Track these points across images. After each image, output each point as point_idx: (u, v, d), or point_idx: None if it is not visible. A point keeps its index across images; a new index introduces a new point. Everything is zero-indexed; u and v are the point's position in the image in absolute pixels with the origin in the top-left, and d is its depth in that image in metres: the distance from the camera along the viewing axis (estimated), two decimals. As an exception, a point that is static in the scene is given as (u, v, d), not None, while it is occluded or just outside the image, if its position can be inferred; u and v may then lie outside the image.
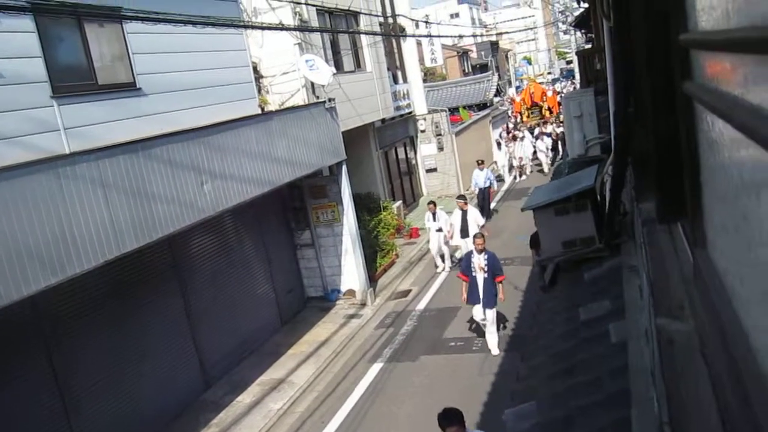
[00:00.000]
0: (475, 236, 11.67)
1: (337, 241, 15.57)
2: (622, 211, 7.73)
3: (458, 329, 13.12)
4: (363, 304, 15.31)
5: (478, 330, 12.51)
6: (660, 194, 2.46)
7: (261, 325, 13.80)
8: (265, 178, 11.53)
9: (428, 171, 26.97)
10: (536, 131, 31.25)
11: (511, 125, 36.33)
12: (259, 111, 12.79)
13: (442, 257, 16.98)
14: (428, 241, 19.66)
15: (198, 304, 11.91)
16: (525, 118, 34.21)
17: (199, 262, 12.07)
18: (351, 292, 15.63)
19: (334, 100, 14.38)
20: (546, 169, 27.36)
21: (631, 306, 5.90)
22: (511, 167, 28.97)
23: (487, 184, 21.20)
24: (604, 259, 8.23)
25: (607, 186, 7.77)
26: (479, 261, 11.42)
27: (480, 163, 22.82)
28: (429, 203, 16.77)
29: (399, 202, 22.25)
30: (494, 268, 11.39)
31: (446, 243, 16.61)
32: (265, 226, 14.57)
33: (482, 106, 39.07)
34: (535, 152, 30.03)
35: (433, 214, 16.65)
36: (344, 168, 14.91)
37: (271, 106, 13.84)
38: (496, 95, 42.18)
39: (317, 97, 14.78)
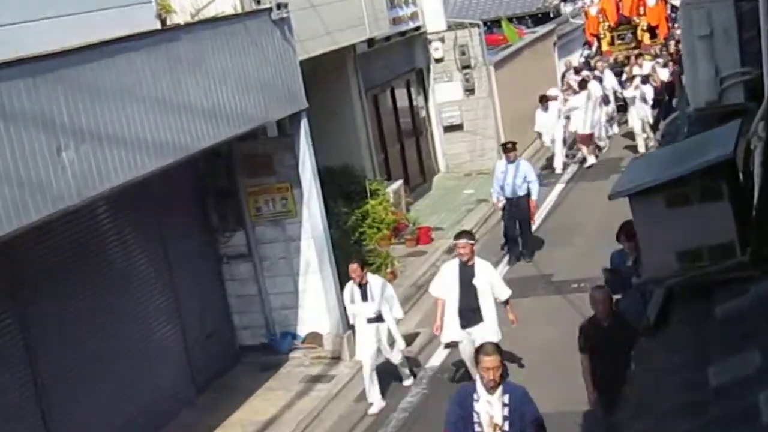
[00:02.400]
0: (481, 350, 9.02)
1: (292, 250, 15.54)
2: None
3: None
4: (336, 358, 15.32)
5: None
6: None
7: (160, 395, 13.78)
8: (167, 140, 11.52)
9: (449, 129, 27.02)
10: (625, 73, 30.44)
11: (580, 59, 35.67)
12: (158, 25, 12.70)
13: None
14: (449, 251, 19.69)
15: (52, 362, 11.89)
16: (606, 47, 33.83)
17: (52, 290, 12.03)
18: (315, 338, 15.62)
19: (286, 6, 14.34)
20: (642, 146, 26.16)
21: (797, 362, 5.92)
22: (573, 143, 28.26)
23: (523, 192, 18.88)
24: (750, 283, 8.24)
25: (756, 157, 7.76)
26: (489, 408, 8.78)
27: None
28: (352, 263, 13.85)
29: (398, 183, 22.26)
30: (523, 420, 8.94)
31: (392, 345, 13.98)
32: (169, 224, 14.55)
33: (541, 18, 39.17)
34: (620, 112, 29.62)
35: (361, 286, 13.65)
36: (304, 124, 14.88)
37: (179, 17, 13.78)
38: (565, 0, 42.32)
39: (257, 1, 14.73)
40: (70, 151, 9.84)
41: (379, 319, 13.72)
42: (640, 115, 26.60)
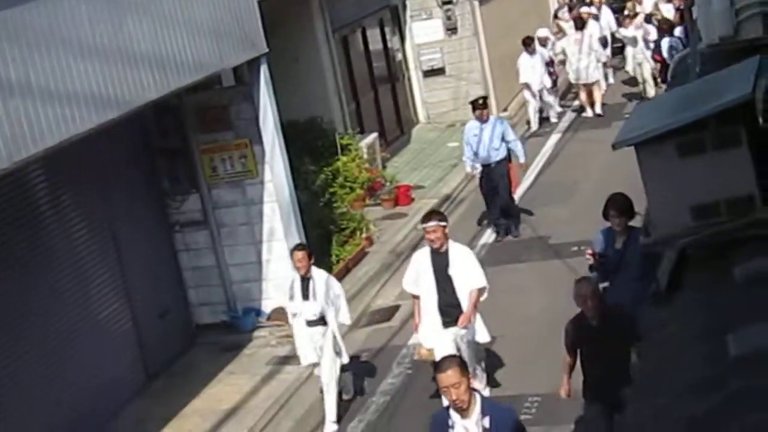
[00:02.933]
0: (437, 367, 8.15)
1: (253, 215, 15.57)
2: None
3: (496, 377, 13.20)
4: (306, 337, 15.35)
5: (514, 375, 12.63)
6: None
7: (106, 382, 13.77)
8: (108, 93, 11.43)
9: (428, 74, 26.95)
10: (627, 10, 29.83)
11: None
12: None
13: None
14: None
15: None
16: None
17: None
18: (282, 314, 15.59)
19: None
20: (652, 92, 25.55)
21: (828, 329, 5.96)
22: (566, 92, 28.30)
23: (500, 156, 18.16)
24: (773, 241, 8.28)
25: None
26: None
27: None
28: (297, 249, 12.99)
29: (372, 137, 22.24)
30: None
31: (340, 356, 13.04)
32: (112, 189, 14.51)
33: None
34: (618, 55, 29.14)
35: (304, 280, 12.77)
36: (264, 72, 14.82)
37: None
38: None
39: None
40: (-2, 107, 9.76)
41: (321, 321, 12.79)
42: (638, 58, 26.21)
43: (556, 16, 31.63)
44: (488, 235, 18.59)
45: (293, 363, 14.54)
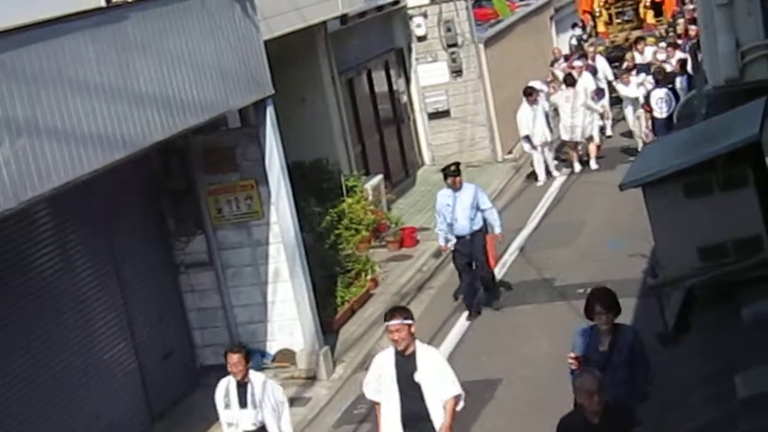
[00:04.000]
0: None
1: (259, 257, 15.51)
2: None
3: (499, 425, 13.15)
4: (311, 378, 15.29)
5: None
6: None
7: (111, 423, 13.71)
8: (115, 134, 11.42)
9: (434, 116, 26.99)
10: (626, 61, 28.30)
11: (571, 41, 34.40)
12: (103, 2, 12.61)
13: None
14: (437, 255, 19.67)
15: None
16: (602, 27, 33.05)
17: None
18: (287, 356, 15.59)
19: (248, -21, 14.30)
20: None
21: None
22: (561, 147, 26.43)
23: (475, 227, 16.69)
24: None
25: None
26: None
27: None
28: (232, 352, 11.55)
29: (378, 179, 22.24)
30: None
31: None
32: (118, 229, 14.48)
33: (537, -11, 39.06)
34: (616, 105, 27.49)
35: (241, 386, 11.54)
36: (270, 113, 14.84)
37: (126, -7, 13.75)
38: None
39: (215, -25, 14.70)
40: (5, 147, 9.76)
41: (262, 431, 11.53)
42: (638, 113, 24.73)
43: (567, 58, 30.74)
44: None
45: (298, 404, 14.49)
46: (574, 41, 34.17)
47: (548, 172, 25.07)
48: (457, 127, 26.63)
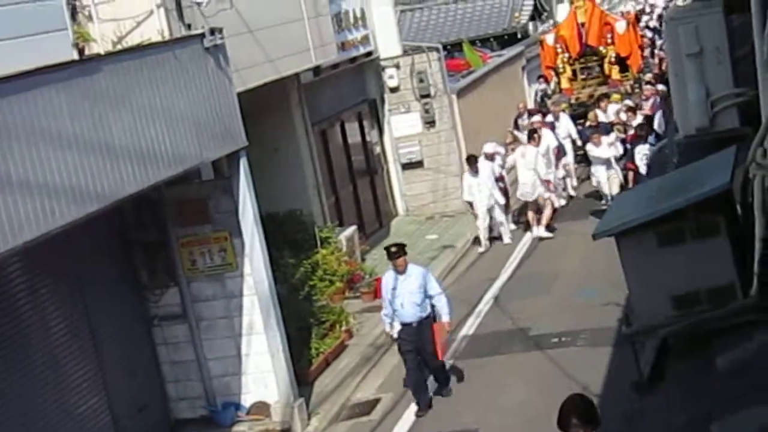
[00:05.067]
0: None
1: (233, 309, 15.47)
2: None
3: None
4: (286, 430, 15.21)
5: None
6: None
7: (85, 478, 13.61)
8: (87, 186, 11.43)
9: (407, 167, 27.06)
10: (589, 120, 27.41)
11: (536, 97, 33.97)
12: (76, 55, 12.63)
13: None
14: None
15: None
16: (566, 84, 31.72)
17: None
18: (262, 408, 15.52)
19: (221, 31, 14.35)
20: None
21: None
22: (523, 209, 25.15)
23: (422, 314, 15.16)
24: (754, 329, 8.30)
25: (756, 187, 7.82)
26: None
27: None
28: None
29: (351, 230, 22.24)
30: None
31: None
32: (90, 283, 14.43)
33: (508, 40, 39.48)
34: (581, 163, 27.05)
35: None
36: (244, 165, 14.85)
37: (99, 46, 13.75)
38: (533, 19, 42.73)
39: (188, 26, 14.74)
40: (-24, 200, 9.74)
41: None
42: (609, 174, 24.28)
43: (516, 125, 29.42)
44: (468, 327, 18.51)
45: (272, 457, 14.45)
46: (538, 96, 33.91)
47: (498, 238, 24.02)
48: (430, 177, 26.71)
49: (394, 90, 26.73)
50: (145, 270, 15.60)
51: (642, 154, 22.55)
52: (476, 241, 24.09)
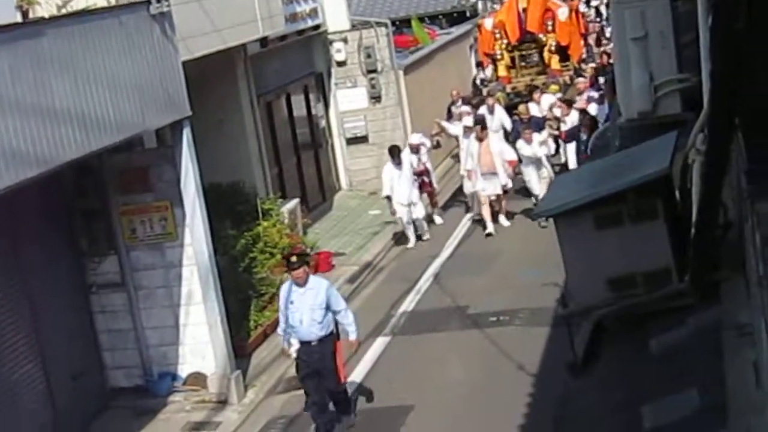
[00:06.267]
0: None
1: (172, 279, 15.45)
2: (723, 221, 7.89)
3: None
4: (222, 402, 15.20)
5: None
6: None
7: (17, 445, 13.54)
8: (27, 151, 11.33)
9: (352, 141, 27.07)
10: (520, 114, 26.29)
11: (478, 81, 32.75)
12: (19, 18, 12.51)
13: None
14: (352, 279, 19.73)
15: None
16: (503, 72, 30.22)
17: None
18: (198, 379, 15.50)
19: (167, -1, 14.28)
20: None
21: (740, 402, 6.02)
22: (470, 203, 24.07)
23: (324, 331, 13.53)
24: (688, 313, 8.39)
25: (695, 172, 7.91)
26: None
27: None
28: None
29: (294, 202, 22.21)
30: None
31: None
32: (28, 249, 14.32)
33: (456, 18, 39.53)
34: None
35: None
36: (187, 134, 14.79)
37: (43, 10, 13.62)
38: (482, -3, 42.75)
39: (134, -6, 14.64)
40: None
41: None
42: (542, 174, 22.70)
43: (449, 113, 27.68)
44: (407, 304, 18.57)
45: (209, 428, 14.42)
46: (478, 81, 32.96)
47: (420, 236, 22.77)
48: (374, 152, 26.71)
49: (341, 64, 26.75)
50: (84, 237, 15.52)
51: (572, 152, 21.88)
52: (401, 238, 22.87)
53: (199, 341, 15.36)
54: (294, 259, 13.78)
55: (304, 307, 13.35)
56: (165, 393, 15.48)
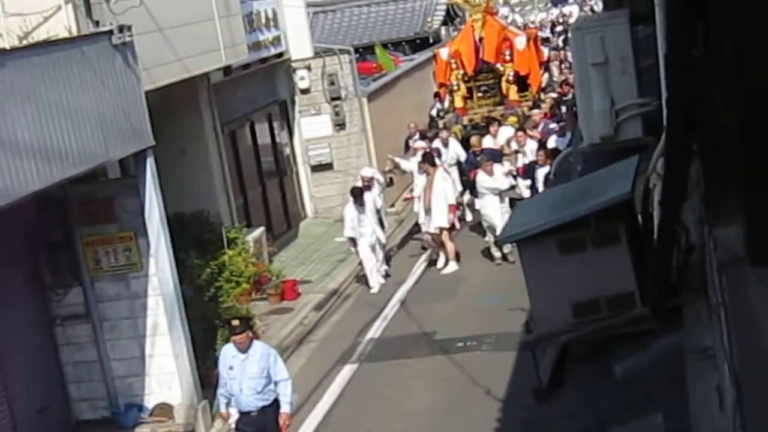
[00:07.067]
0: None
1: (137, 309, 15.35)
2: (685, 246, 7.91)
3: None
4: (190, 433, 15.18)
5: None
6: (755, 210, 2.52)
7: (-18, 480, 13.43)
8: (-11, 183, 11.27)
9: (317, 169, 27.09)
10: (472, 146, 24.61)
11: (433, 112, 31.08)
12: (-21, 50, 12.48)
13: None
14: (318, 307, 19.70)
15: None
16: (460, 103, 29.09)
17: None
18: (165, 410, 15.41)
19: (130, 28, 14.26)
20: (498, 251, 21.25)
21: (703, 425, 6.02)
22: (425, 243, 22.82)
23: (265, 401, 12.86)
24: (650, 338, 8.41)
25: (656, 196, 7.93)
26: None
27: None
28: None
29: (259, 231, 22.19)
30: None
31: None
32: (-9, 279, 14.20)
33: (420, 45, 39.61)
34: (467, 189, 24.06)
35: None
36: (151, 164, 14.75)
37: (4, 41, 13.57)
38: (445, 24, 42.93)
39: (96, 23, 14.61)
40: None
41: None
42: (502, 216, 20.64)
43: (407, 146, 27.36)
44: (374, 331, 18.57)
45: (175, 460, 14.37)
46: (434, 112, 31.45)
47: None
48: (339, 179, 26.73)
49: (304, 92, 26.78)
50: (48, 269, 15.42)
51: (525, 186, 21.17)
52: (362, 280, 21.88)
53: (166, 372, 15.27)
54: (236, 322, 13.01)
55: (244, 375, 12.60)
56: (131, 424, 15.38)
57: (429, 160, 22.31)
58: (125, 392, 15.54)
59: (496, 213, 21.17)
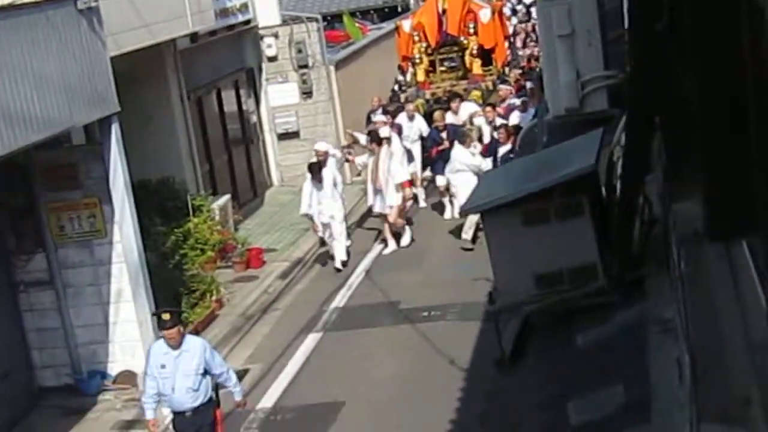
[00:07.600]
0: None
1: (101, 276, 15.31)
2: (646, 218, 7.96)
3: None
4: (153, 400, 15.12)
5: None
6: (713, 187, 2.53)
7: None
8: (-48, 148, 11.19)
9: (283, 137, 27.03)
10: (434, 120, 24.12)
11: (394, 86, 30.80)
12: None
13: None
14: (283, 276, 19.69)
15: None
16: (422, 76, 28.62)
17: None
18: (128, 377, 15.38)
19: (96, -7, 14.16)
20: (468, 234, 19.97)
21: (663, 396, 6.07)
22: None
23: (200, 399, 11.84)
24: (612, 309, 8.46)
25: (619, 169, 7.98)
26: None
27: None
28: None
29: (225, 199, 22.14)
30: None
31: None
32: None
33: (388, 13, 39.51)
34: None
35: None
36: (116, 131, 14.68)
37: (-33, 5, 13.47)
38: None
39: (61, -11, 14.51)
40: None
41: None
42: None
43: (369, 120, 26.03)
44: (339, 300, 18.57)
45: (139, 427, 14.32)
46: (396, 87, 31.01)
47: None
48: (306, 148, 26.60)
49: (272, 59, 26.69)
50: (11, 235, 15.35)
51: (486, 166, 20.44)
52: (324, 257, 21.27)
53: (129, 339, 15.24)
54: (166, 316, 11.79)
55: (177, 372, 11.63)
56: (95, 392, 15.36)
57: (375, 138, 21.53)
58: (89, 359, 15.50)
59: (467, 188, 18.53)
